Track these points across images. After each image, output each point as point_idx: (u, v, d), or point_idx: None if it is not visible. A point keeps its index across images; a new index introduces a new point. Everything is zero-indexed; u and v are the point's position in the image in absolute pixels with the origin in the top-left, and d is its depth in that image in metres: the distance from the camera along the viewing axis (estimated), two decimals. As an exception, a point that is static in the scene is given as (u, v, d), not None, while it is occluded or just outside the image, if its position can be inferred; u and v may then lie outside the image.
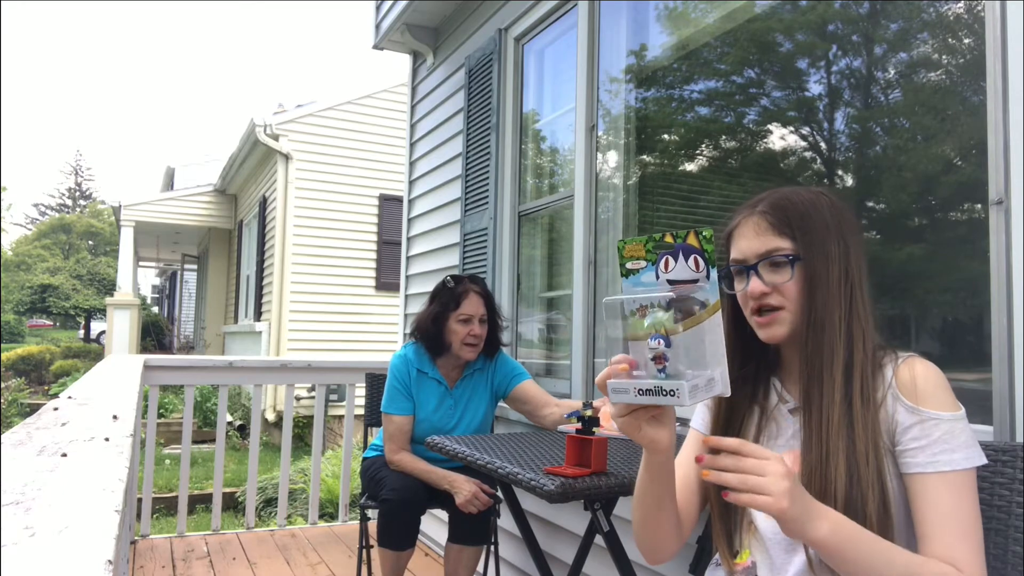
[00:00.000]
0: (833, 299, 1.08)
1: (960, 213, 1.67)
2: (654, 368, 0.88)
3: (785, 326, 1.10)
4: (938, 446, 1.01)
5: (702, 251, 0.89)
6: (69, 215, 39.92)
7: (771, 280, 1.10)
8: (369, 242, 9.77)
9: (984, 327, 1.43)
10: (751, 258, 1.12)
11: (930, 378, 1.04)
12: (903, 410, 1.04)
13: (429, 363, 2.65)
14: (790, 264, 1.10)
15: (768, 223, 1.12)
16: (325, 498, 5.39)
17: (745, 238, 1.14)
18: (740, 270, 1.15)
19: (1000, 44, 1.40)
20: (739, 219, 1.17)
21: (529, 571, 2.90)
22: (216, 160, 16.57)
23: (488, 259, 3.36)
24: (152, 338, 16.76)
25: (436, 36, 4.21)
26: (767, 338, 1.12)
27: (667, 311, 0.88)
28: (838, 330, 1.07)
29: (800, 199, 1.12)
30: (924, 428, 1.02)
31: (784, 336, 1.11)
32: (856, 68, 1.93)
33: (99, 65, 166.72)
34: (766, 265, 1.11)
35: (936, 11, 1.68)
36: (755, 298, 1.11)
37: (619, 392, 0.90)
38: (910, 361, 1.07)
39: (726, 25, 2.31)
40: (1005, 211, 1.37)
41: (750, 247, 1.13)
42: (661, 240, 0.91)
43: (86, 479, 0.93)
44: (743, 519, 1.15)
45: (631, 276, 0.92)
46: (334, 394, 8.34)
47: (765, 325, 1.11)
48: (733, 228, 1.18)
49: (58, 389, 11.67)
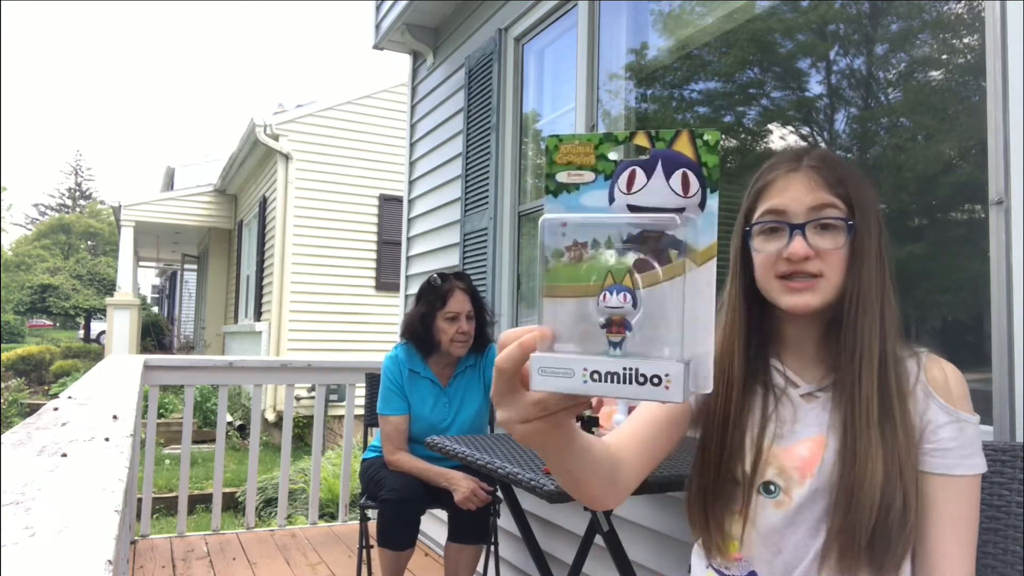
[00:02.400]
0: (873, 277, 0.99)
1: (960, 213, 1.67)
2: (604, 339, 0.55)
3: (820, 295, 0.99)
4: (966, 448, 0.97)
5: (698, 164, 0.56)
6: (69, 215, 39.92)
7: (816, 243, 0.98)
8: (369, 242, 9.77)
9: (984, 327, 1.43)
10: (798, 215, 0.99)
11: (960, 379, 1.01)
12: (937, 408, 0.98)
13: (421, 362, 2.67)
14: (846, 229, 0.98)
15: (823, 179, 0.99)
16: (325, 498, 5.39)
17: (790, 191, 1.00)
18: (778, 226, 1.00)
19: (1000, 44, 1.40)
20: (779, 171, 1.03)
21: (529, 571, 2.90)
22: (216, 160, 16.56)
23: (488, 259, 3.36)
24: (152, 338, 16.75)
25: (436, 36, 4.21)
26: (794, 307, 1.00)
27: (624, 253, 0.55)
28: (876, 311, 0.99)
29: (846, 163, 1.03)
30: (958, 428, 0.98)
31: (816, 307, 0.99)
32: (856, 68, 1.93)
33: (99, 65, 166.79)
34: (816, 226, 0.99)
35: (936, 11, 1.68)
36: (795, 260, 0.98)
37: (554, 374, 0.56)
38: (937, 359, 1.02)
39: (726, 25, 2.31)
40: (1005, 211, 1.37)
41: (799, 201, 0.99)
42: (627, 141, 0.58)
43: (86, 479, 0.93)
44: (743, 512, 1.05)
45: (563, 193, 0.59)
46: (334, 394, 8.34)
47: (797, 291, 0.99)
48: (770, 182, 1.04)
49: (58, 389, 11.67)
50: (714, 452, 1.05)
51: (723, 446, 1.05)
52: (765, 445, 1.04)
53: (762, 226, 1.02)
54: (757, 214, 1.04)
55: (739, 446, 1.05)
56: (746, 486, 1.04)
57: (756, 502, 1.04)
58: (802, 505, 1.01)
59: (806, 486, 1.01)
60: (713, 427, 1.06)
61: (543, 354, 0.57)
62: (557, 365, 0.56)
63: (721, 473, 1.05)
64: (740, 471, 1.04)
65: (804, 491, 1.01)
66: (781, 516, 1.02)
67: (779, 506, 1.03)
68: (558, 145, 0.59)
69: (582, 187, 0.59)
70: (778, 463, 1.04)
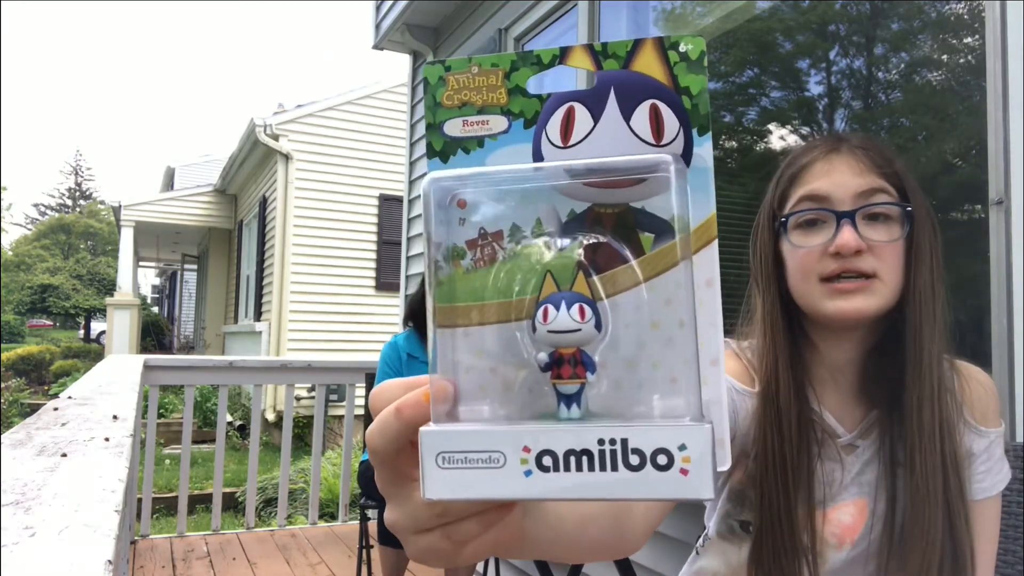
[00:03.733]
0: (930, 284, 0.82)
1: (960, 213, 1.67)
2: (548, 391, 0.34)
3: (876, 299, 0.80)
4: (998, 465, 0.87)
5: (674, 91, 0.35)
6: (69, 215, 39.93)
7: (870, 236, 0.80)
8: (369, 242, 9.76)
9: (984, 327, 1.43)
10: (844, 201, 0.81)
11: (993, 391, 0.89)
12: (972, 434, 0.86)
13: (420, 348, 2.72)
14: (904, 218, 0.81)
15: (871, 161, 0.82)
16: (325, 498, 5.39)
17: (832, 175, 0.82)
18: (822, 216, 0.81)
19: (1000, 44, 1.40)
20: (814, 154, 0.84)
21: (529, 571, 2.90)
22: (216, 160, 16.57)
23: (488, 259, 3.36)
24: (152, 338, 16.75)
25: (436, 36, 4.21)
26: (844, 313, 0.80)
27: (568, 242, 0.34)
28: (935, 325, 0.81)
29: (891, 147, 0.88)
30: (991, 450, 0.87)
31: (871, 314, 0.81)
32: (856, 68, 1.93)
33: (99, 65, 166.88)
34: (863, 215, 0.80)
35: (936, 11, 1.68)
36: (846, 255, 0.79)
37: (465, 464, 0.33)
38: (971, 370, 0.88)
39: (726, 25, 2.31)
40: (1005, 211, 1.37)
41: (844, 185, 0.81)
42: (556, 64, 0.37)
43: (86, 479, 0.93)
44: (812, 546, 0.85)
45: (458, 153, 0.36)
46: (334, 394, 8.33)
47: (847, 294, 0.79)
48: (806, 165, 0.84)
49: (58, 389, 11.67)
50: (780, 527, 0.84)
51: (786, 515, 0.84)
52: (815, 512, 0.86)
53: (799, 216, 0.83)
54: (791, 203, 0.85)
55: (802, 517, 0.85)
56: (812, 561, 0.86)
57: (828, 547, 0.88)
58: (835, 571, 0.88)
59: (843, 552, 0.87)
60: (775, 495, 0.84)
61: (441, 427, 0.33)
62: (468, 448, 0.32)
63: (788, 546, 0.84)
64: (804, 541, 0.85)
65: (841, 557, 0.87)
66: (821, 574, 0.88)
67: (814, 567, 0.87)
68: (444, 77, 0.36)
69: (487, 141, 0.36)
70: (817, 530, 0.87)
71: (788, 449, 0.82)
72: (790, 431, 0.83)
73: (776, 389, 0.84)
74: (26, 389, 13.07)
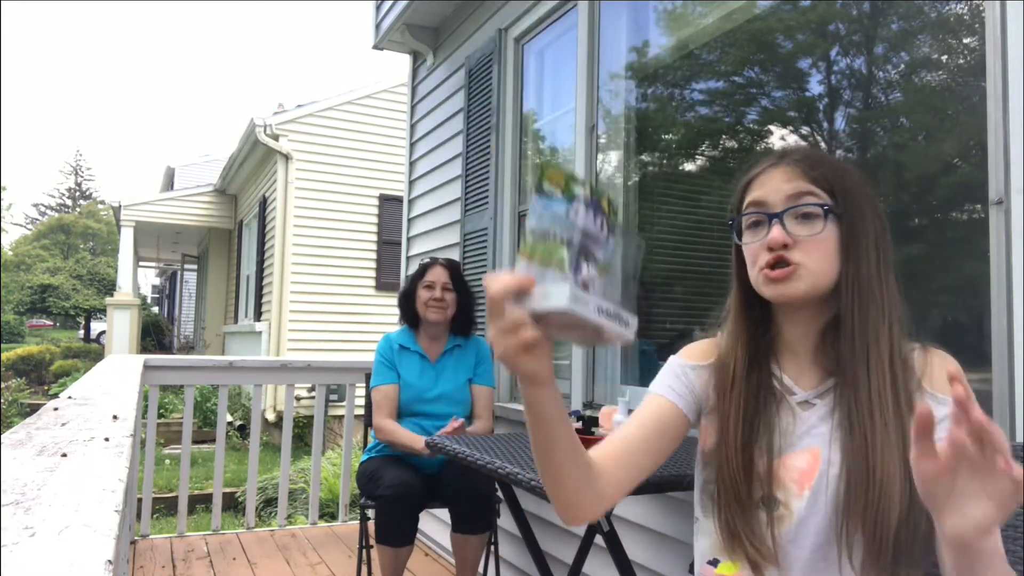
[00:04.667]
0: (872, 270, 0.96)
1: (960, 213, 1.67)
2: None
3: (802, 284, 0.96)
4: None
5: (608, 216, 0.80)
6: (69, 215, 39.93)
7: (795, 232, 0.97)
8: (369, 242, 9.77)
9: (984, 327, 1.43)
10: (777, 204, 0.98)
11: (955, 368, 0.94)
12: (933, 403, 0.93)
13: (411, 339, 2.88)
14: (824, 215, 0.96)
15: (801, 169, 0.99)
16: (325, 498, 5.39)
17: (770, 183, 1.00)
18: (759, 218, 1.00)
19: (1000, 44, 1.40)
20: (761, 167, 1.03)
21: (529, 571, 2.90)
22: (216, 160, 16.57)
23: (488, 259, 3.36)
24: (152, 338, 16.75)
25: (436, 36, 4.21)
26: (778, 295, 0.98)
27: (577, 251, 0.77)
28: (881, 307, 0.96)
29: (832, 157, 1.04)
30: None
31: (800, 296, 0.97)
32: (857, 68, 1.93)
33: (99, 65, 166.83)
34: (793, 215, 0.97)
35: (936, 11, 1.68)
36: (774, 248, 0.97)
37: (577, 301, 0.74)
38: (934, 351, 0.99)
39: (726, 25, 2.31)
40: (1005, 211, 1.37)
41: (776, 191, 0.99)
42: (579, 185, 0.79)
43: (86, 479, 0.93)
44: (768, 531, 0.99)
45: (544, 196, 0.78)
46: (334, 394, 8.34)
47: (778, 280, 0.97)
48: (753, 177, 1.03)
49: (58, 389, 11.67)
50: (734, 475, 1.01)
51: (742, 467, 1.01)
52: (773, 461, 1.01)
53: (746, 219, 1.02)
54: (743, 208, 1.04)
55: (756, 465, 1.01)
56: (765, 505, 1.00)
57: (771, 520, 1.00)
58: (803, 519, 0.98)
59: (805, 498, 0.99)
60: (731, 447, 1.02)
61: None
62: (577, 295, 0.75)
63: (743, 495, 1.01)
64: (759, 491, 1.01)
65: (803, 503, 0.98)
66: (784, 531, 0.99)
67: (780, 521, 1.00)
68: (546, 170, 0.79)
69: (553, 198, 0.78)
70: (776, 475, 1.01)
71: (746, 406, 1.01)
72: (747, 391, 1.02)
73: (734, 359, 1.05)
74: (26, 389, 13.06)
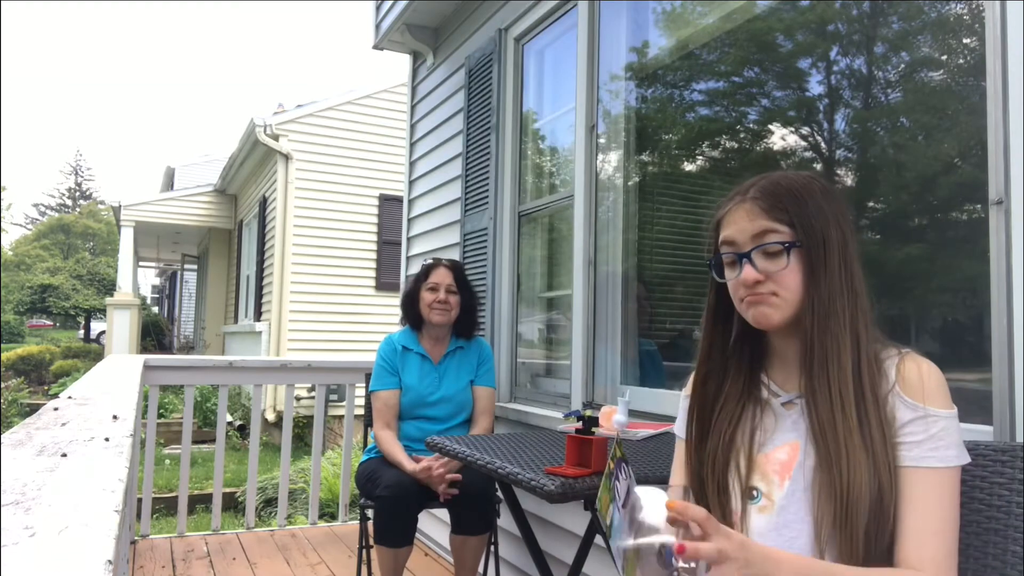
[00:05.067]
0: (835, 287, 1.05)
1: (960, 213, 1.67)
2: None
3: (779, 312, 1.06)
4: (934, 442, 1.01)
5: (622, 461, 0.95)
6: (69, 215, 39.93)
7: (765, 268, 1.06)
8: (369, 242, 9.77)
9: (984, 327, 1.43)
10: (745, 244, 1.08)
11: (933, 376, 1.04)
12: (902, 406, 1.03)
13: (414, 340, 2.86)
14: (786, 251, 1.06)
15: (760, 208, 1.07)
16: (325, 498, 5.39)
17: (737, 223, 1.09)
18: (731, 257, 1.10)
19: (1000, 44, 1.40)
20: (729, 206, 1.12)
21: (529, 571, 2.90)
22: (216, 160, 16.57)
23: (488, 259, 3.36)
24: (152, 338, 16.75)
25: (436, 36, 4.21)
26: (758, 322, 1.08)
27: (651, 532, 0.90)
28: (842, 320, 1.04)
29: (793, 183, 1.09)
30: (924, 424, 1.01)
31: (777, 323, 1.07)
32: (856, 68, 1.93)
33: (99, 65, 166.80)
34: (760, 252, 1.07)
35: (936, 11, 1.68)
36: (748, 286, 1.07)
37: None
38: (914, 357, 1.06)
39: (726, 25, 2.31)
40: (1005, 211, 1.37)
41: (742, 232, 1.08)
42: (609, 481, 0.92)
43: (86, 479, 0.93)
44: (739, 521, 1.11)
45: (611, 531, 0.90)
46: (334, 394, 8.34)
47: (756, 305, 1.07)
48: (723, 216, 1.13)
49: (58, 389, 11.66)
50: (715, 467, 1.13)
51: (721, 460, 1.13)
52: (754, 454, 1.12)
53: (723, 258, 1.12)
54: (718, 244, 1.13)
55: (734, 459, 1.13)
56: (740, 496, 1.11)
57: (745, 509, 1.10)
58: (783, 508, 1.06)
59: (785, 488, 1.07)
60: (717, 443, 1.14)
61: None
62: None
63: (719, 486, 1.13)
64: (734, 482, 1.12)
65: (783, 493, 1.07)
66: (766, 521, 1.07)
67: (762, 511, 1.08)
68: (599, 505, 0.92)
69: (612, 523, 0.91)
70: (760, 469, 1.10)
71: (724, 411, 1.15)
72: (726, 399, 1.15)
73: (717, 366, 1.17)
74: (26, 389, 13.06)
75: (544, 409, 2.91)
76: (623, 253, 2.65)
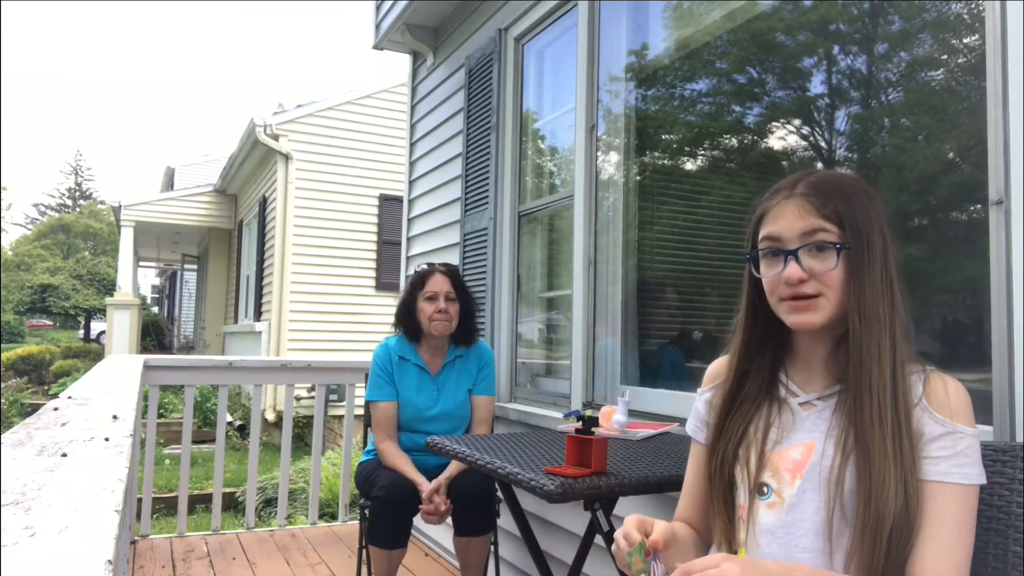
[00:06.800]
0: (878, 293, 1.03)
1: (960, 213, 1.67)
2: None
3: (821, 314, 1.04)
4: (959, 459, 1.01)
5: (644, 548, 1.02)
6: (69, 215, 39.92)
7: (811, 266, 1.04)
8: (369, 242, 9.77)
9: (984, 327, 1.43)
10: (792, 240, 1.05)
11: (961, 394, 1.04)
12: (931, 421, 1.02)
13: (411, 351, 2.75)
14: (836, 251, 1.03)
15: (812, 205, 1.05)
16: (325, 498, 5.39)
17: (784, 218, 1.06)
18: (775, 252, 1.07)
19: (1000, 44, 1.40)
20: (776, 200, 1.09)
21: (529, 571, 2.90)
22: (216, 160, 16.57)
23: (488, 259, 3.36)
24: (152, 338, 16.75)
25: (436, 36, 4.21)
26: (799, 325, 1.06)
27: None
28: (885, 326, 1.02)
29: (842, 183, 1.07)
30: (952, 439, 1.01)
31: (819, 325, 1.05)
32: (857, 68, 1.93)
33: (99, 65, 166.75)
34: (807, 250, 1.04)
35: (937, 11, 1.68)
36: (791, 284, 1.04)
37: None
38: (940, 375, 1.05)
39: (727, 24, 2.31)
40: (1005, 211, 1.37)
41: (791, 228, 1.05)
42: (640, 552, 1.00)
43: (86, 479, 0.93)
44: (747, 516, 1.12)
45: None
46: (334, 394, 8.34)
47: (800, 311, 1.05)
48: (767, 209, 1.10)
49: (58, 389, 11.66)
50: (724, 459, 1.15)
51: (731, 453, 1.15)
52: (766, 451, 1.12)
53: (763, 253, 1.09)
54: (759, 238, 1.11)
55: (744, 453, 1.14)
56: (748, 491, 1.12)
57: (754, 505, 1.10)
58: (792, 506, 1.07)
59: (796, 487, 1.07)
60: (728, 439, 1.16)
61: None
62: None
63: (730, 480, 1.15)
64: (743, 476, 1.13)
65: (794, 491, 1.07)
66: (775, 517, 1.08)
67: (772, 507, 1.08)
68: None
69: None
70: (773, 466, 1.11)
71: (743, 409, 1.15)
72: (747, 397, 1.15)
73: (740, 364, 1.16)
74: (26, 389, 13.06)
75: (544, 409, 2.91)
76: (623, 253, 2.65)
